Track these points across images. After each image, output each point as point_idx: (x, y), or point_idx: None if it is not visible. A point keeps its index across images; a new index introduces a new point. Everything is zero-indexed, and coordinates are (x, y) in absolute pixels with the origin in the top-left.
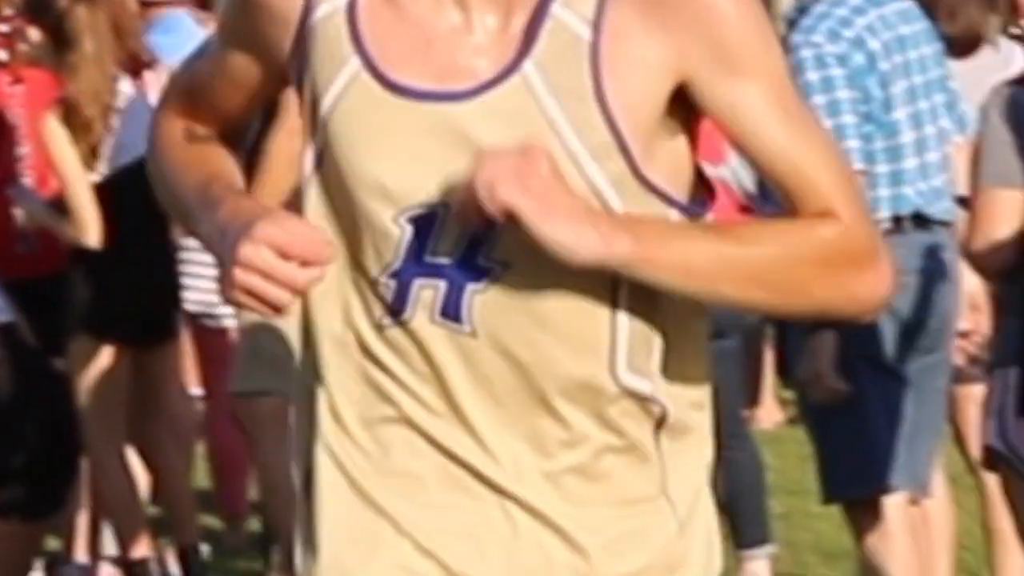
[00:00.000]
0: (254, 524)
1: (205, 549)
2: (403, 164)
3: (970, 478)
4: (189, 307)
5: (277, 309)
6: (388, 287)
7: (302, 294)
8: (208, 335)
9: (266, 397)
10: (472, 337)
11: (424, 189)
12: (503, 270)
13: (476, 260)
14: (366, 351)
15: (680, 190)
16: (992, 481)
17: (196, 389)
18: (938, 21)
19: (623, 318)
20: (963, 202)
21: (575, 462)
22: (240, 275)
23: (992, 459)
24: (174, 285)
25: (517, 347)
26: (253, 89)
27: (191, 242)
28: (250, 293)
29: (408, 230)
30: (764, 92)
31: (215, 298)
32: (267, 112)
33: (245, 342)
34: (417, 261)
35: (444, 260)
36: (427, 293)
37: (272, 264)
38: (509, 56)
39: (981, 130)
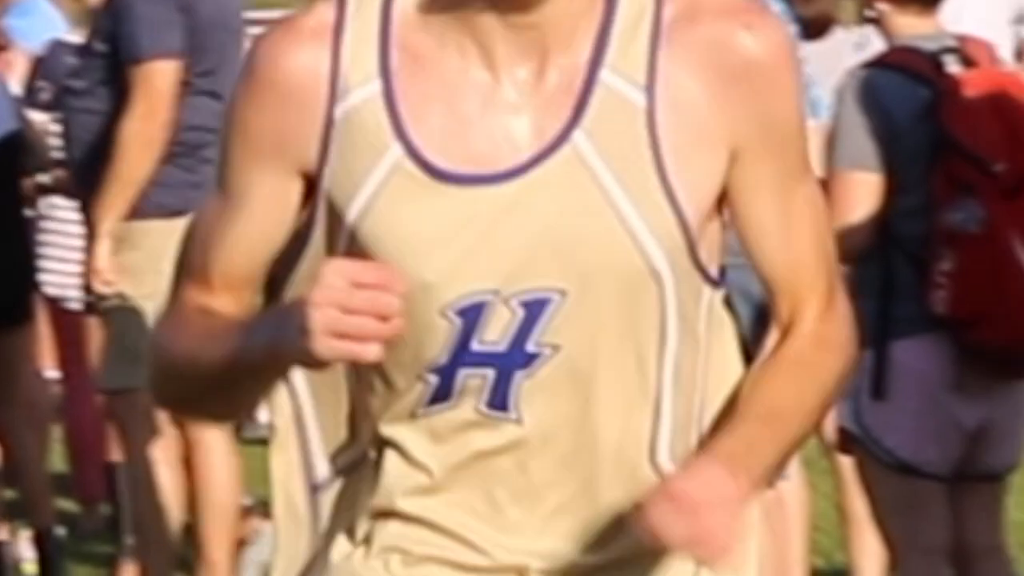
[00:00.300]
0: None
1: (60, 532)
2: (450, 255)
3: (824, 461)
4: (48, 290)
5: (371, 343)
6: (429, 381)
7: (389, 322)
8: (65, 317)
9: (135, 392)
10: (517, 424)
11: (473, 278)
12: (552, 353)
13: (526, 346)
14: (387, 443)
15: (714, 266)
16: (847, 463)
17: (52, 372)
18: (793, 4)
19: (667, 404)
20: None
21: (614, 555)
22: (321, 317)
23: (846, 441)
24: (30, 267)
25: (562, 433)
26: (287, 214)
27: (50, 224)
28: (337, 333)
29: (457, 323)
30: (781, 171)
31: (73, 280)
32: (119, 97)
33: (112, 340)
34: (464, 351)
35: (493, 348)
36: (474, 383)
37: (351, 294)
38: (555, 126)
39: (835, 113)
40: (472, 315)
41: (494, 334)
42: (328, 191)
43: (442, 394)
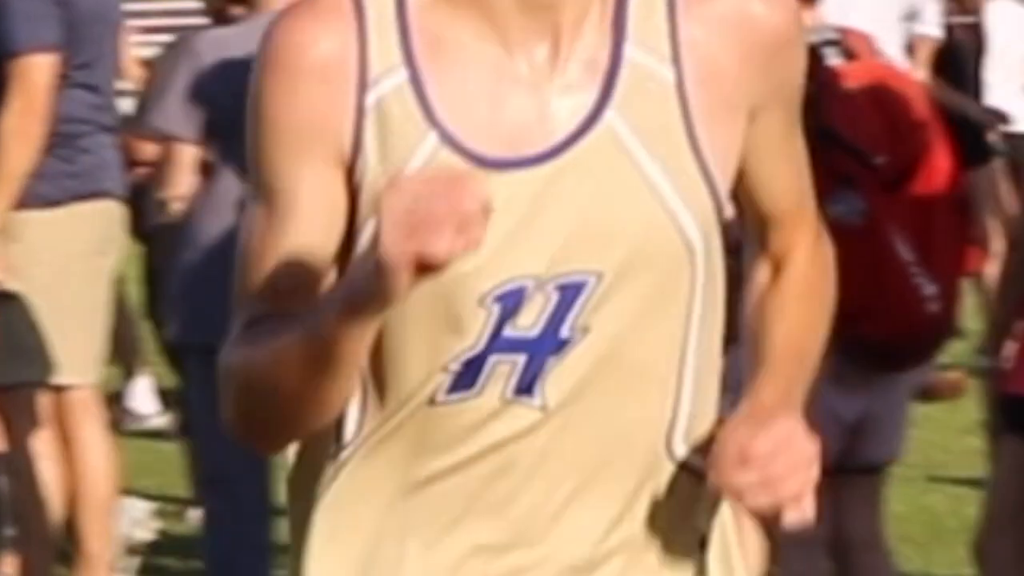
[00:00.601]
0: None
1: None
2: (491, 242)
3: None
4: None
5: (445, 249)
6: (454, 369)
7: (469, 231)
8: None
9: (21, 387)
10: (541, 411)
11: (514, 265)
12: (582, 337)
13: (560, 331)
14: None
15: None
16: None
17: None
18: None
19: (687, 388)
20: None
21: (624, 541)
22: (395, 222)
23: None
24: None
25: (584, 420)
26: (340, 206)
27: None
28: (417, 244)
29: (494, 310)
30: (787, 118)
31: None
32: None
33: None
34: (497, 338)
35: (526, 334)
36: (503, 369)
37: (427, 198)
38: (585, 106)
39: None
40: (510, 302)
41: (528, 319)
42: (363, 183)
43: (467, 382)
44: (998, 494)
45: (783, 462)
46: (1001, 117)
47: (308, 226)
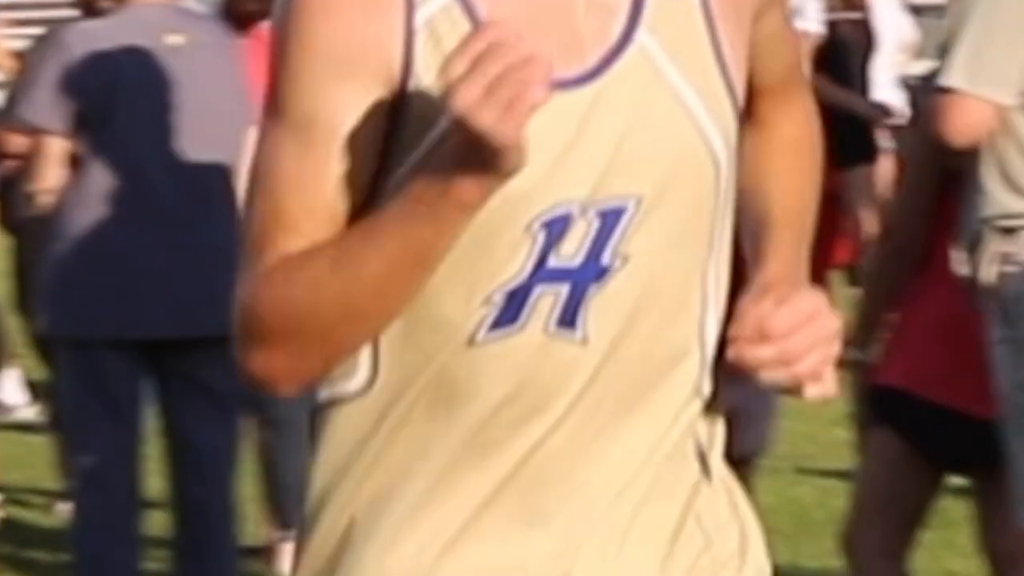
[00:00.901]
0: None
1: None
2: (542, 163)
3: None
4: None
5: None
6: (497, 302)
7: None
8: None
9: None
10: (582, 345)
11: (561, 188)
12: (622, 264)
13: (601, 258)
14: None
15: None
16: None
17: None
18: None
19: (711, 317)
20: None
21: (647, 478)
22: (469, 85)
23: None
24: None
25: (620, 353)
26: (380, 131)
27: None
28: (496, 102)
29: (540, 237)
30: (783, 10)
31: None
32: None
33: None
34: (542, 267)
35: (571, 263)
36: (546, 301)
37: (496, 60)
38: (616, 26)
39: None
40: (556, 228)
41: (571, 247)
42: (413, 105)
43: (510, 316)
44: (866, 486)
45: (802, 338)
46: (886, 112)
47: (351, 155)
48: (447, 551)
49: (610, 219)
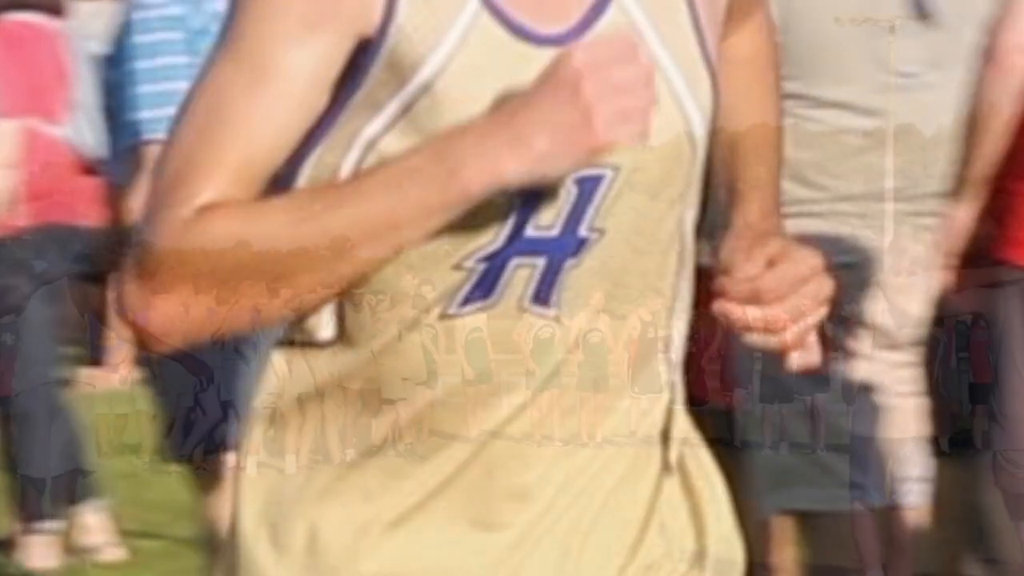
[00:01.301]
0: None
1: None
2: None
3: None
4: None
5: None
6: (473, 272)
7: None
8: None
9: None
10: (555, 323)
11: None
12: (598, 238)
13: (578, 230)
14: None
15: None
16: None
17: None
18: None
19: (683, 293)
20: None
21: (621, 465)
22: (598, 92)
23: None
24: None
25: (592, 333)
26: (328, 85)
27: None
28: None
29: (516, 202)
30: None
31: None
32: None
33: None
34: (518, 236)
35: (547, 233)
36: (522, 274)
37: (617, 71)
38: None
39: None
40: (532, 194)
41: (548, 217)
42: (393, 51)
43: (484, 289)
44: None
45: (793, 304)
46: None
47: (293, 106)
48: (383, 537)
49: (587, 187)
